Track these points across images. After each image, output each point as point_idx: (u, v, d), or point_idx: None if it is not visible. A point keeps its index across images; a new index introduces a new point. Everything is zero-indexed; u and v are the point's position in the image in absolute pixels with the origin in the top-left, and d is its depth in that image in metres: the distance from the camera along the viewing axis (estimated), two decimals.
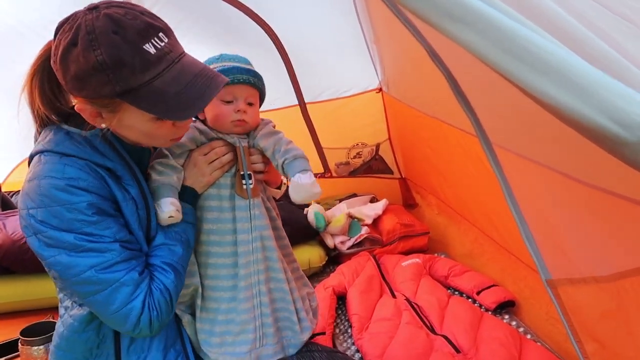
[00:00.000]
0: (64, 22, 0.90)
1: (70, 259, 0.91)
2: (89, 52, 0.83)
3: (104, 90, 0.86)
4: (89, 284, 0.92)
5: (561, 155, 0.86)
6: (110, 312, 0.95)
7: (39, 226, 0.91)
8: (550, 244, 1.04)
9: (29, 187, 0.93)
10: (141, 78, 0.86)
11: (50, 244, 0.91)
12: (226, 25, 2.40)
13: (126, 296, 0.95)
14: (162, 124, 0.95)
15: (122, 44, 0.84)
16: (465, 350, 1.53)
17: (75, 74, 0.86)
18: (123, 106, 0.91)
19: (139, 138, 0.99)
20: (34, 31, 2.41)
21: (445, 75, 1.03)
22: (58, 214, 0.90)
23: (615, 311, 0.94)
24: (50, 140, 0.96)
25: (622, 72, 0.65)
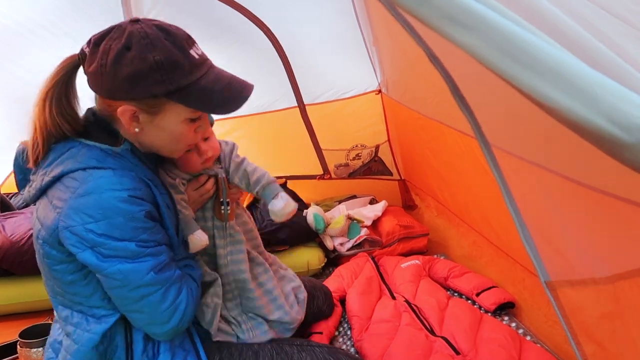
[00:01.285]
0: (107, 32, 0.97)
1: (132, 266, 0.97)
2: (145, 55, 0.92)
3: (155, 90, 0.95)
4: (148, 286, 0.99)
5: (560, 157, 0.86)
6: (162, 310, 1.02)
7: (98, 239, 0.94)
8: (549, 246, 1.04)
9: (83, 203, 0.94)
10: (190, 78, 0.96)
11: (109, 255, 0.95)
12: (225, 27, 2.41)
13: (176, 292, 1.04)
14: (190, 128, 1.05)
15: (173, 48, 0.94)
16: (465, 352, 1.53)
17: (128, 75, 0.93)
18: (166, 107, 0.99)
19: (165, 143, 1.07)
20: (31, 31, 2.41)
21: (444, 77, 1.03)
22: (120, 225, 0.94)
23: (614, 313, 0.94)
24: (87, 157, 0.99)
25: (621, 74, 0.65)
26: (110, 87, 0.96)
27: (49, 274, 1.08)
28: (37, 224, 1.04)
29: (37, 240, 1.04)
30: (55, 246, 1.00)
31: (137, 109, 0.98)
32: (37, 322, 1.60)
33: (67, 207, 0.95)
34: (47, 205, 1.00)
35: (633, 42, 0.77)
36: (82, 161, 0.98)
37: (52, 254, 1.01)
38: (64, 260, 1.01)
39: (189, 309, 1.07)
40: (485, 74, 0.64)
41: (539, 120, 0.69)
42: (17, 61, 2.49)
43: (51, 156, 1.02)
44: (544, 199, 1.01)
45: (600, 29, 0.76)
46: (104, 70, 0.94)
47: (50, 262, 1.03)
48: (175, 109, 1.00)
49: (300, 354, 1.26)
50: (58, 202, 0.97)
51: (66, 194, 0.96)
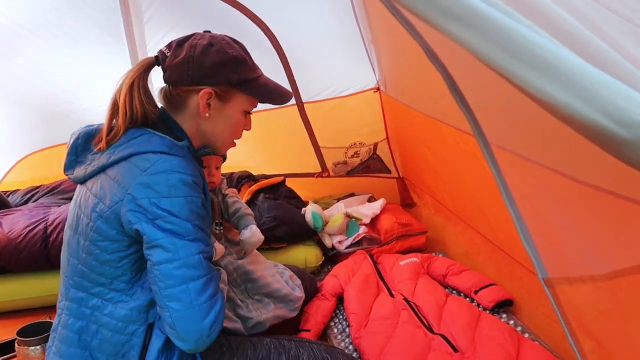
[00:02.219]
0: (189, 36, 1.18)
1: (185, 242, 1.05)
2: (225, 50, 1.16)
3: (231, 77, 1.17)
4: (195, 267, 1.06)
5: (558, 154, 0.86)
6: (201, 301, 1.05)
7: (160, 212, 1.04)
8: (548, 243, 1.04)
9: (153, 180, 1.05)
10: (253, 74, 1.22)
11: (167, 228, 1.05)
12: (223, 25, 2.38)
13: (214, 288, 1.09)
14: (243, 121, 1.27)
15: (241, 50, 1.21)
16: (463, 349, 1.53)
17: (213, 63, 1.14)
18: (234, 96, 1.21)
19: (223, 130, 1.25)
20: (30, 31, 2.41)
21: (443, 75, 1.03)
22: (181, 205, 1.05)
23: (612, 310, 0.94)
24: (159, 143, 1.12)
25: (621, 71, 0.65)
26: (197, 73, 1.15)
27: (83, 252, 1.13)
28: (91, 200, 1.12)
29: (92, 214, 1.11)
30: (111, 220, 1.08)
31: (214, 93, 1.18)
32: (35, 320, 1.60)
33: (137, 182, 1.05)
34: (108, 181, 1.09)
35: (632, 39, 0.77)
36: (155, 146, 1.11)
37: (102, 229, 1.09)
38: (111, 238, 1.09)
39: (221, 315, 1.10)
40: (483, 71, 0.64)
41: (538, 117, 0.69)
42: (17, 61, 2.49)
43: (123, 139, 1.13)
44: (542, 196, 1.01)
45: (599, 25, 0.76)
46: (192, 59, 1.14)
47: (96, 237, 1.10)
48: (240, 99, 1.23)
49: (298, 349, 1.27)
50: (125, 179, 1.07)
51: (135, 171, 1.07)
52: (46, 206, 2.29)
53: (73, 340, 1.16)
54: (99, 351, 1.15)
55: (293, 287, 1.69)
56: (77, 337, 1.15)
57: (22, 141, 2.75)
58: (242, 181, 2.67)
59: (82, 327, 1.15)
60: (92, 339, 1.15)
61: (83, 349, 1.15)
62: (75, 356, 1.15)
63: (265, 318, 1.53)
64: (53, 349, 1.20)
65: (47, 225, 2.01)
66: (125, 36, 2.50)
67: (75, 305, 1.16)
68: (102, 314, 1.14)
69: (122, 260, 1.12)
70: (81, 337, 1.15)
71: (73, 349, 1.16)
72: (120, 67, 2.57)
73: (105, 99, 2.81)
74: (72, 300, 1.17)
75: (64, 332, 1.17)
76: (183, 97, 1.20)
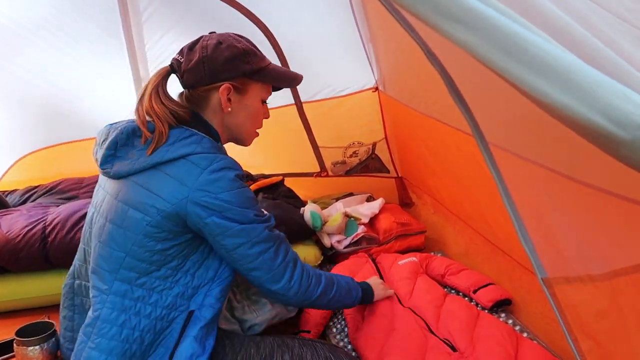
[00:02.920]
0: (197, 40, 1.25)
1: (252, 226, 1.18)
2: (235, 45, 1.23)
3: (244, 69, 1.23)
4: (265, 242, 1.20)
5: (557, 154, 0.86)
6: (276, 265, 1.22)
7: (226, 205, 1.14)
8: (547, 243, 1.04)
9: (215, 177, 1.14)
10: (263, 63, 1.28)
11: (234, 218, 1.16)
12: (222, 24, 2.38)
13: (287, 247, 1.27)
14: (262, 108, 1.35)
15: (248, 43, 1.27)
16: (462, 349, 1.53)
17: (227, 57, 1.21)
18: (251, 86, 1.28)
19: (247, 121, 1.33)
20: (30, 31, 2.40)
21: (441, 74, 1.03)
22: (241, 196, 1.16)
23: (611, 309, 0.94)
24: (210, 145, 1.20)
25: (618, 71, 0.65)
26: (212, 71, 1.21)
27: (133, 245, 1.17)
28: (145, 195, 1.16)
29: (149, 209, 1.15)
30: (172, 216, 1.15)
31: (232, 86, 1.24)
32: (34, 320, 1.59)
33: (200, 179, 1.14)
34: (166, 178, 1.16)
35: (630, 40, 0.77)
36: (207, 148, 1.19)
37: (162, 223, 1.15)
38: (170, 230, 1.16)
39: (298, 272, 1.27)
40: (482, 72, 0.64)
41: (536, 118, 0.69)
42: (17, 61, 2.48)
43: (171, 138, 1.19)
44: (541, 196, 1.02)
45: (597, 26, 0.76)
46: (206, 59, 1.20)
47: (152, 231, 1.16)
48: (256, 89, 1.30)
49: (301, 347, 1.28)
50: (186, 177, 1.14)
51: (196, 170, 1.14)
52: (45, 206, 2.29)
53: (116, 334, 1.18)
54: (139, 342, 1.18)
55: None
56: (120, 330, 1.18)
57: (20, 141, 2.75)
58: None
59: (125, 320, 1.18)
60: (133, 332, 1.18)
61: (124, 341, 1.18)
62: (116, 349, 1.17)
63: (262, 319, 1.53)
64: (90, 344, 1.20)
65: (45, 225, 2.00)
66: (124, 36, 2.50)
67: (120, 298, 1.19)
68: (147, 303, 1.19)
69: (174, 248, 1.19)
70: (123, 331, 1.18)
71: (115, 342, 1.18)
72: (119, 67, 2.57)
73: (104, 98, 2.82)
74: (116, 294, 1.19)
75: (106, 326, 1.19)
76: (204, 96, 1.26)
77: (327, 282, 1.36)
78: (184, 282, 1.21)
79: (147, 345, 1.19)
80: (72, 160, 2.74)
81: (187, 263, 1.22)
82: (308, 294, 1.29)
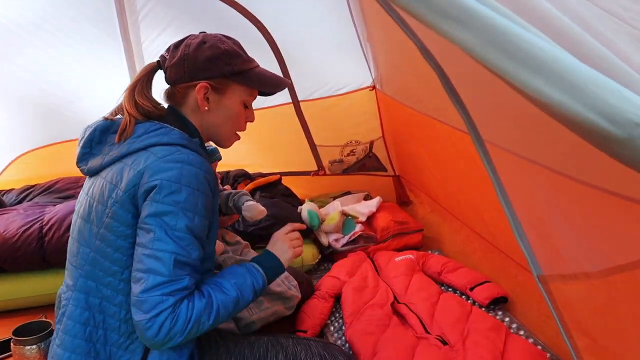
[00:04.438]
0: (185, 38, 1.25)
1: (165, 237, 1.05)
2: (218, 45, 1.21)
3: (224, 69, 1.21)
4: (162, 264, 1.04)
5: (552, 152, 0.86)
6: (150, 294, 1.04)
7: (164, 197, 1.06)
8: (542, 240, 1.05)
9: (168, 166, 1.09)
10: (248, 65, 1.25)
11: (161, 211, 1.06)
12: (218, 23, 2.39)
13: (173, 291, 1.05)
14: (243, 112, 1.29)
15: (234, 44, 1.25)
16: (452, 342, 1.54)
17: (207, 57, 1.20)
18: (230, 87, 1.24)
19: (225, 122, 1.28)
20: (28, 30, 2.40)
21: (438, 73, 1.03)
22: (186, 196, 1.08)
23: (606, 306, 0.95)
24: (178, 136, 1.18)
25: (613, 69, 0.65)
26: (193, 68, 1.20)
27: (96, 239, 1.14)
28: (107, 187, 1.14)
29: (108, 201, 1.13)
30: (126, 205, 1.10)
31: (210, 86, 1.22)
32: (32, 320, 1.59)
33: (153, 165, 1.09)
34: (125, 168, 1.13)
35: (624, 38, 0.77)
36: (174, 139, 1.16)
37: (118, 214, 1.11)
38: (127, 222, 1.11)
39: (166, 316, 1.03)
40: (478, 70, 0.65)
41: (532, 116, 0.70)
42: (16, 61, 2.48)
43: (139, 130, 1.17)
44: (537, 194, 1.02)
45: (592, 24, 0.76)
46: (188, 57, 1.20)
47: (111, 223, 1.12)
48: (237, 90, 1.26)
49: (295, 347, 1.28)
50: (140, 164, 1.11)
51: (152, 158, 1.11)
52: (41, 205, 2.28)
53: (79, 332, 1.16)
54: (102, 342, 1.15)
55: (289, 287, 1.70)
56: (83, 328, 1.15)
57: (17, 140, 2.74)
58: (238, 179, 2.67)
59: (88, 318, 1.16)
60: (97, 330, 1.15)
61: (87, 340, 1.15)
62: (80, 348, 1.15)
63: (258, 318, 1.53)
64: (57, 341, 1.19)
65: (42, 225, 2.00)
66: (121, 35, 2.50)
67: (84, 296, 1.16)
68: (112, 304, 1.14)
69: (133, 247, 1.12)
70: (87, 329, 1.16)
71: (78, 340, 1.15)
72: (117, 66, 2.57)
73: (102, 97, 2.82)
74: (81, 290, 1.17)
75: (70, 324, 1.17)
76: (183, 93, 1.25)
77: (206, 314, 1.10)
78: None
79: (112, 346, 1.15)
80: (69, 160, 2.69)
81: None
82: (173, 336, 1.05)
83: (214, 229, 1.21)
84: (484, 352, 1.46)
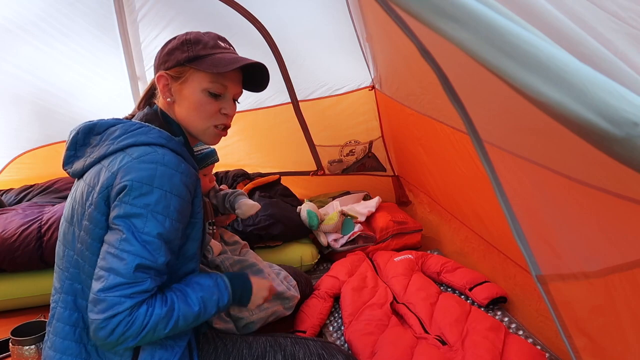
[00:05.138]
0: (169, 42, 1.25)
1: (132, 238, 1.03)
2: (182, 37, 1.22)
3: (179, 57, 1.19)
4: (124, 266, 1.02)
5: (551, 152, 0.86)
6: (107, 293, 1.01)
7: (134, 199, 1.04)
8: (541, 240, 1.05)
9: (141, 167, 1.06)
10: (208, 51, 1.20)
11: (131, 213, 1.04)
12: (217, 23, 2.40)
13: (132, 293, 1.02)
14: (209, 101, 1.21)
15: (204, 35, 1.23)
16: (451, 342, 1.54)
17: (168, 50, 1.21)
18: (189, 76, 1.20)
19: (191, 113, 1.22)
20: (22, 28, 2.39)
21: (436, 73, 1.03)
22: (158, 198, 1.05)
23: (604, 306, 0.95)
24: (157, 135, 1.15)
25: (611, 69, 0.65)
26: (158, 62, 1.24)
27: (78, 242, 1.13)
28: (86, 190, 1.13)
29: (85, 203, 1.12)
30: (100, 206, 1.08)
31: (168, 75, 1.21)
32: (30, 320, 1.59)
33: (126, 166, 1.07)
34: (101, 170, 1.11)
35: (623, 37, 0.77)
36: (152, 138, 1.13)
37: (93, 216, 1.09)
38: (101, 225, 1.09)
39: (119, 320, 1.01)
40: (476, 69, 0.64)
41: (531, 115, 0.70)
42: (11, 59, 2.47)
43: (119, 131, 1.16)
44: (535, 194, 1.02)
45: (591, 24, 0.76)
46: (159, 53, 1.25)
47: (88, 226, 1.10)
48: (196, 78, 1.20)
49: (294, 346, 1.27)
50: (114, 165, 1.09)
51: (126, 159, 1.08)
52: (40, 205, 2.28)
53: (68, 333, 1.15)
54: (93, 343, 1.14)
55: (288, 287, 1.70)
56: (72, 329, 1.15)
57: (16, 140, 2.74)
58: (237, 179, 2.67)
59: (77, 319, 1.15)
60: (87, 331, 1.14)
61: (78, 342, 1.15)
62: (70, 349, 1.15)
63: (257, 318, 1.53)
64: (48, 343, 1.19)
65: (41, 225, 2.00)
66: (119, 34, 2.49)
67: (71, 297, 1.16)
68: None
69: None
70: (77, 330, 1.15)
71: (68, 342, 1.15)
72: (115, 65, 2.57)
73: (100, 97, 2.81)
74: (68, 293, 1.16)
75: (59, 325, 1.17)
76: (155, 88, 1.28)
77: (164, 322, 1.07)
78: None
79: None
80: None
81: None
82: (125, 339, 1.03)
83: (196, 229, 1.19)
84: (483, 352, 1.46)
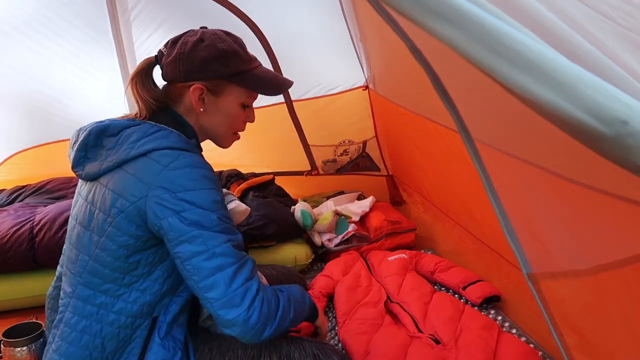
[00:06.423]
0: (183, 34, 1.21)
1: (212, 234, 1.06)
2: (215, 44, 1.17)
3: (221, 71, 1.18)
4: (225, 256, 1.06)
5: (541, 150, 0.87)
6: (235, 287, 1.05)
7: (185, 205, 1.06)
8: (532, 238, 1.05)
9: (177, 174, 1.07)
10: (247, 66, 1.21)
11: (193, 220, 1.06)
12: (211, 23, 2.36)
13: (249, 272, 1.09)
14: (241, 113, 1.26)
15: (234, 43, 1.20)
16: (445, 341, 1.54)
17: (203, 58, 1.16)
18: (227, 89, 1.21)
19: (221, 123, 1.25)
20: (14, 27, 2.38)
21: (427, 72, 1.03)
22: (205, 197, 1.07)
23: (595, 304, 0.96)
24: (177, 140, 1.15)
25: (601, 68, 0.66)
26: (188, 69, 1.17)
27: (97, 248, 1.12)
28: (109, 195, 1.11)
29: (111, 210, 1.11)
30: (133, 216, 1.08)
31: (205, 88, 1.18)
32: (22, 321, 1.58)
33: (161, 178, 1.07)
34: (127, 177, 1.10)
35: (612, 36, 0.78)
36: (174, 142, 1.13)
37: (122, 225, 1.09)
38: (130, 233, 1.10)
39: (258, 299, 1.08)
40: (467, 68, 0.65)
41: (521, 114, 0.70)
42: (5, 61, 2.46)
43: (136, 134, 1.14)
44: (525, 192, 1.02)
45: (581, 23, 0.77)
46: (183, 56, 1.17)
47: (114, 233, 1.10)
48: (234, 92, 1.22)
49: (288, 346, 1.27)
50: (146, 175, 1.08)
51: (156, 167, 1.08)
52: (32, 206, 2.27)
53: (75, 339, 1.15)
54: (100, 350, 1.14)
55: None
56: (80, 336, 1.15)
57: (8, 140, 2.72)
58: (231, 180, 2.67)
59: (86, 326, 1.15)
60: (94, 339, 1.14)
61: (84, 348, 1.14)
62: (76, 355, 1.14)
63: None
64: (52, 346, 1.18)
65: (33, 226, 1.99)
66: (112, 34, 2.48)
67: (82, 303, 1.15)
68: (110, 311, 1.14)
69: (137, 255, 1.12)
70: (84, 337, 1.15)
71: (73, 348, 1.15)
72: (108, 65, 2.56)
73: (93, 97, 2.79)
74: (79, 298, 1.16)
75: (67, 330, 1.16)
76: (179, 92, 1.22)
77: (285, 303, 1.18)
78: (152, 291, 1.15)
79: (109, 354, 1.15)
80: (60, 160, 2.69)
81: (155, 271, 1.15)
82: (269, 321, 1.11)
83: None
84: (476, 351, 1.46)
